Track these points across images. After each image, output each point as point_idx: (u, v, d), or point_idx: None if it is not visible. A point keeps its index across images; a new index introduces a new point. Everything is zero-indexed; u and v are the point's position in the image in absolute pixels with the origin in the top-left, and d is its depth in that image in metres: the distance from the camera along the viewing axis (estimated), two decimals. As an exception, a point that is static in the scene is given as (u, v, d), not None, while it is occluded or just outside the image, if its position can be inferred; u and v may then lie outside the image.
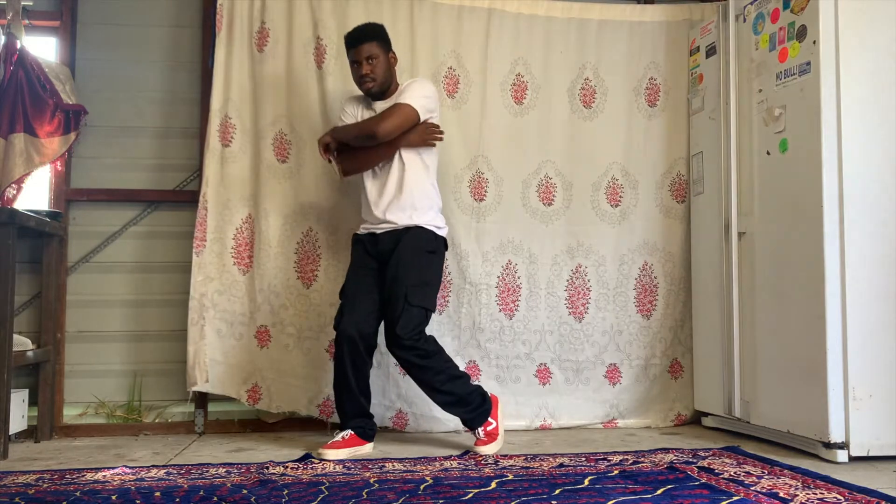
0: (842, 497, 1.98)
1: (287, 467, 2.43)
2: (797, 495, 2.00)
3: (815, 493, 2.02)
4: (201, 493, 2.09)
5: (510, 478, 2.25)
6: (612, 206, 3.40)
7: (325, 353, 3.13)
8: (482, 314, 3.25)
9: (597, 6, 3.43)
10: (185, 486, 2.18)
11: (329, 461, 2.56)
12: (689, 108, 3.43)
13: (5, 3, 3.11)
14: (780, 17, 2.79)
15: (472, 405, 2.76)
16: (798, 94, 2.69)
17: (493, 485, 2.16)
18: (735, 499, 1.97)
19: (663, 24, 3.47)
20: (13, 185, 3.05)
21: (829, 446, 2.53)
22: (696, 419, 3.35)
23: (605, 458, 2.54)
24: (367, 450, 2.75)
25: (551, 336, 3.31)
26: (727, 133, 3.05)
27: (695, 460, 2.50)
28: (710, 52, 3.22)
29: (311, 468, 2.43)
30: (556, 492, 2.06)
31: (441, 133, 2.85)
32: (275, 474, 2.32)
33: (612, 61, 3.43)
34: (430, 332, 2.80)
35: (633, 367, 3.36)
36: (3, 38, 3.11)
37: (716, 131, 3.15)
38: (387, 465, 2.48)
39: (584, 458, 2.54)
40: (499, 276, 3.29)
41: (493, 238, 3.30)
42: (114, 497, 2.05)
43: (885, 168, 2.60)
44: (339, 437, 2.71)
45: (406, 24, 3.27)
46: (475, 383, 2.89)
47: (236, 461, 2.57)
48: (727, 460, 2.49)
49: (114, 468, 2.45)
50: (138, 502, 2.00)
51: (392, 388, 3.15)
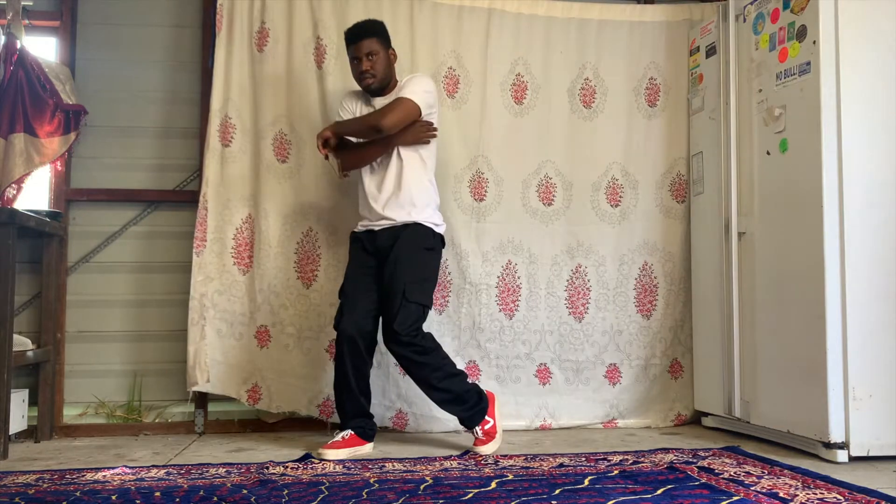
0: (842, 497, 1.98)
1: (287, 467, 2.43)
2: (797, 495, 2.00)
3: (815, 493, 2.02)
4: (201, 493, 2.09)
5: (510, 478, 2.25)
6: (612, 206, 3.40)
7: (325, 353, 3.13)
8: (482, 314, 3.25)
9: (597, 6, 3.43)
10: (185, 486, 2.18)
11: (329, 461, 2.56)
12: (689, 108, 3.43)
13: (5, 3, 3.11)
14: (780, 17, 2.79)
15: (469, 403, 2.76)
16: (798, 94, 2.69)
17: (493, 485, 2.16)
18: (735, 499, 1.97)
19: (663, 24, 3.47)
20: (13, 185, 3.06)
21: (829, 446, 2.53)
22: (696, 419, 3.35)
23: (605, 458, 2.54)
24: (367, 450, 2.75)
25: (551, 336, 3.31)
26: (727, 133, 3.05)
27: (695, 460, 2.50)
28: (710, 52, 3.22)
29: (311, 468, 2.43)
30: (556, 492, 2.06)
31: (434, 130, 2.85)
32: (275, 474, 2.32)
33: (612, 61, 3.43)
34: (430, 332, 2.80)
35: (633, 367, 3.36)
36: (3, 38, 3.11)
37: (716, 131, 3.15)
38: (387, 465, 2.48)
39: (584, 458, 2.54)
40: (499, 276, 3.29)
41: (493, 238, 3.30)
42: (114, 497, 2.05)
43: (886, 168, 2.60)
44: (339, 437, 2.72)
45: (406, 23, 3.27)
46: (472, 381, 2.89)
47: (236, 461, 2.57)
48: (727, 460, 2.49)
49: (114, 468, 2.45)
50: (138, 502, 2.00)
51: (392, 388, 3.15)
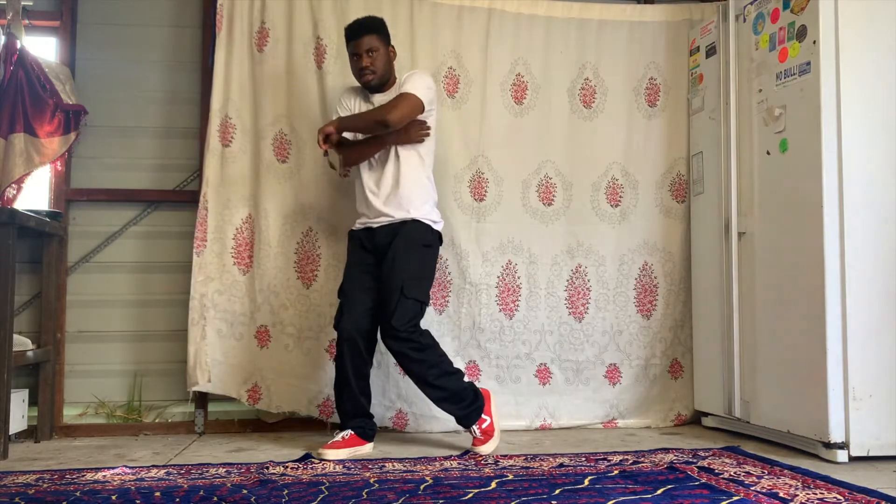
0: (842, 497, 1.98)
1: (287, 467, 2.43)
2: (797, 495, 2.00)
3: (815, 493, 2.02)
4: (201, 493, 2.09)
5: (510, 478, 2.25)
6: (612, 206, 3.40)
7: (325, 353, 3.13)
8: (482, 314, 3.25)
9: (597, 6, 3.43)
10: (185, 486, 2.18)
11: (329, 461, 2.56)
12: (689, 108, 3.43)
13: (5, 3, 3.11)
14: (780, 17, 2.79)
15: (465, 402, 2.76)
16: (798, 94, 2.69)
17: (493, 485, 2.16)
18: (735, 499, 1.97)
19: (663, 24, 3.47)
20: (13, 185, 3.06)
21: (829, 446, 2.53)
22: (696, 419, 3.35)
23: (605, 458, 2.54)
24: (367, 450, 2.75)
25: (551, 336, 3.31)
26: (727, 133, 3.05)
27: (695, 460, 2.50)
28: (710, 52, 3.22)
29: (311, 468, 2.43)
30: (556, 492, 2.06)
31: (427, 130, 2.83)
32: (275, 474, 2.32)
33: (612, 61, 3.43)
34: (430, 332, 2.80)
35: (633, 367, 3.36)
36: (3, 38, 3.11)
37: (716, 131, 3.15)
38: (387, 465, 2.48)
39: (584, 458, 2.54)
40: (499, 276, 3.29)
41: (493, 238, 3.30)
42: (114, 497, 2.05)
43: (886, 168, 2.60)
44: (339, 437, 2.72)
45: (406, 23, 3.26)
46: (468, 380, 2.89)
47: (236, 461, 2.57)
48: (727, 460, 2.49)
49: (114, 468, 2.45)
50: (138, 502, 2.00)
51: (392, 388, 3.15)
